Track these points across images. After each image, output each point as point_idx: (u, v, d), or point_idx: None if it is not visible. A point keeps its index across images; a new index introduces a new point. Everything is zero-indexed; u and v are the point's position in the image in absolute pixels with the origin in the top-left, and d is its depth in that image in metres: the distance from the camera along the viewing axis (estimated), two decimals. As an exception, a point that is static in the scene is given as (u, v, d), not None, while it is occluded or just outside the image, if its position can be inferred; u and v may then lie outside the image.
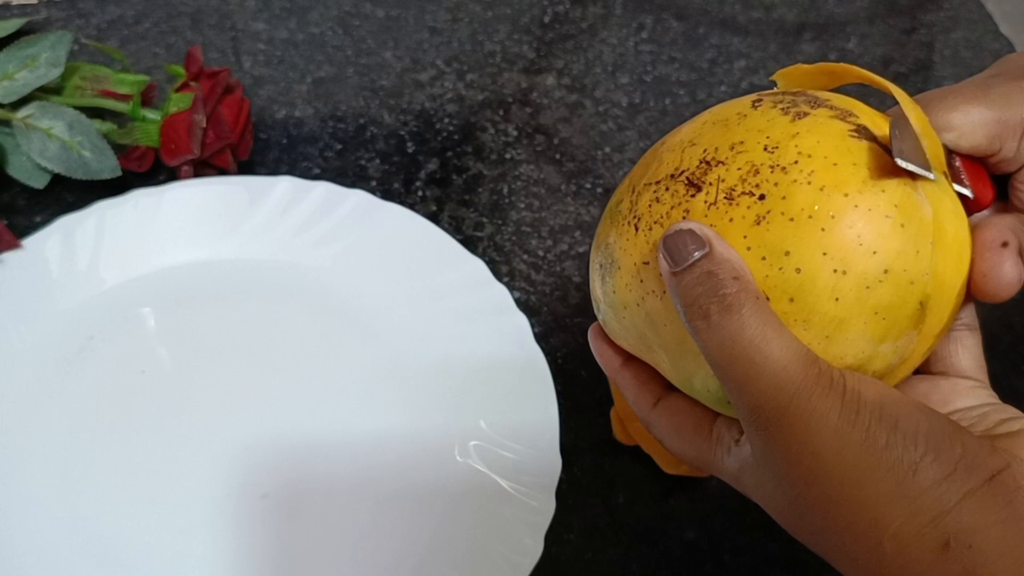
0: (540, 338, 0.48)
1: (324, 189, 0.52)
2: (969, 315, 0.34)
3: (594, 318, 0.36)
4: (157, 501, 0.42)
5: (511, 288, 0.50)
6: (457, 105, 0.61)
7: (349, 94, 0.61)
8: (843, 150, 0.29)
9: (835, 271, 0.28)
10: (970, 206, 0.32)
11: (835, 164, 0.29)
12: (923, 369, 0.34)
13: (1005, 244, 0.31)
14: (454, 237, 0.52)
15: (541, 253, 0.54)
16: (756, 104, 0.31)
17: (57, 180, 0.53)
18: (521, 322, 0.48)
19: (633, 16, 0.68)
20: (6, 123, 0.52)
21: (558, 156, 0.59)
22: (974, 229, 0.32)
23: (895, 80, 0.65)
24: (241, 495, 0.43)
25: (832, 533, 0.28)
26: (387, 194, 0.55)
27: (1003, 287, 0.31)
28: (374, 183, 0.56)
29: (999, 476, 0.27)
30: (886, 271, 0.28)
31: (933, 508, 0.27)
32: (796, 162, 0.29)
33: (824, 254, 0.28)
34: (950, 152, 0.33)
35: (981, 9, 0.70)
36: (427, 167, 0.57)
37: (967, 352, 0.34)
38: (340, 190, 0.53)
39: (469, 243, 0.53)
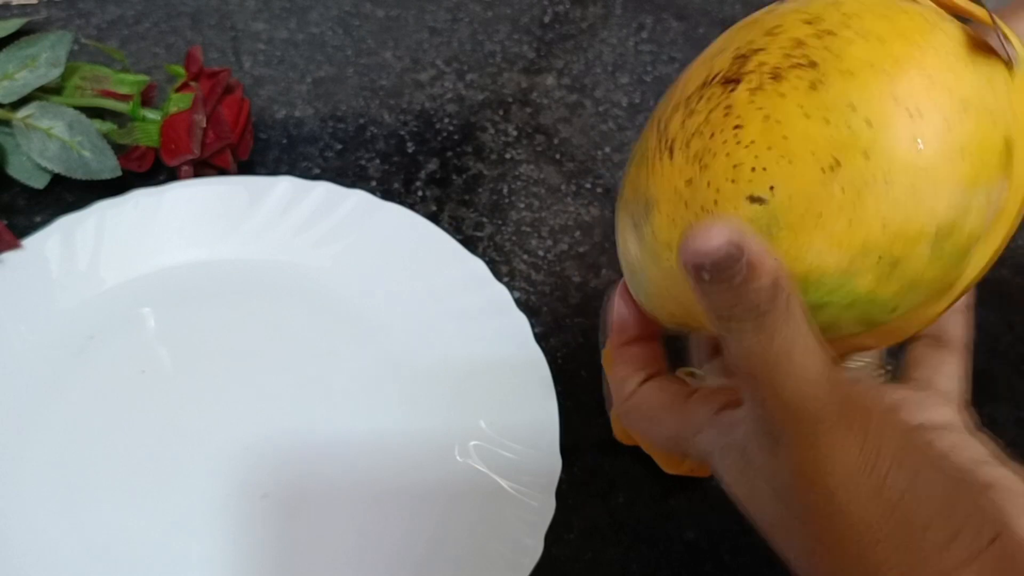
0: (540, 338, 0.48)
1: (324, 189, 0.53)
2: (959, 329, 0.34)
3: (595, 317, 0.36)
4: (157, 501, 0.42)
5: (511, 288, 0.50)
6: (457, 105, 0.61)
7: (349, 94, 0.61)
8: (894, 7, 0.27)
9: (910, 115, 0.25)
10: None
11: (887, 17, 0.27)
12: (902, 378, 0.33)
13: None
14: (454, 237, 0.52)
15: (541, 253, 0.54)
16: None
17: (57, 180, 0.53)
18: (521, 322, 0.48)
19: (633, 16, 0.68)
20: (6, 123, 0.52)
21: (558, 156, 0.59)
22: None
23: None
24: (241, 495, 0.43)
25: (822, 561, 0.28)
26: (387, 194, 0.55)
27: None
28: (374, 183, 0.56)
29: (997, 540, 0.27)
30: (964, 106, 0.26)
31: (937, 571, 0.27)
32: (845, 24, 0.26)
33: (895, 99, 0.25)
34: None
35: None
36: (427, 167, 0.57)
37: (949, 372, 0.34)
38: (340, 190, 0.53)
39: (469, 243, 0.53)
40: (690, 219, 0.28)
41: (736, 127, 0.27)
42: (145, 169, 0.53)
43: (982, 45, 0.27)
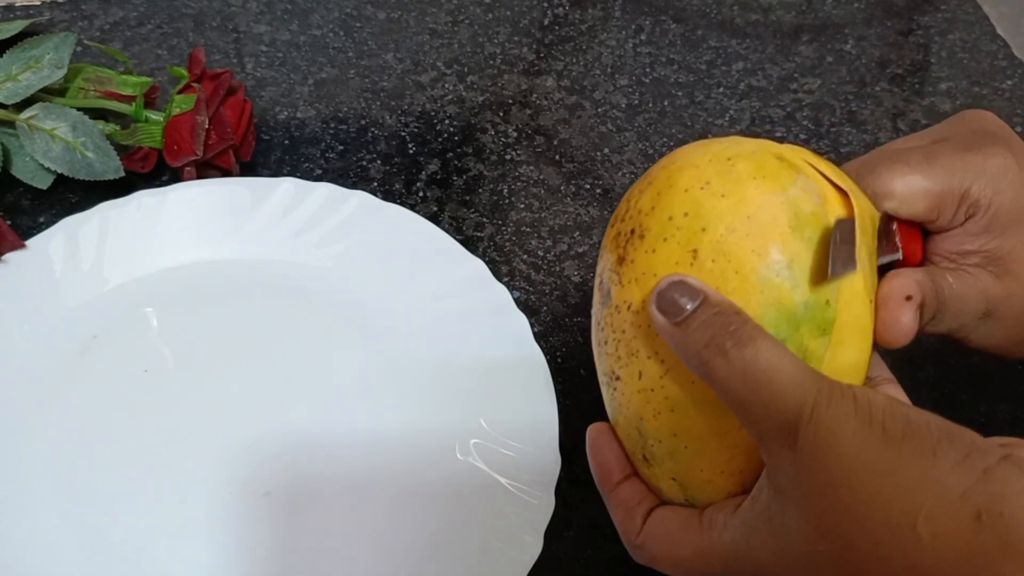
0: (540, 338, 0.48)
1: (326, 190, 0.53)
2: (881, 369, 0.36)
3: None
4: (160, 499, 0.43)
5: (511, 288, 0.51)
6: (458, 107, 0.62)
7: (351, 96, 0.61)
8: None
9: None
10: (900, 264, 0.35)
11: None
12: None
13: (909, 297, 0.34)
14: (454, 237, 0.52)
15: (541, 253, 0.54)
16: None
17: (61, 181, 0.53)
18: (521, 322, 0.48)
19: (632, 18, 0.68)
20: (10, 124, 0.52)
21: (558, 157, 0.59)
22: (884, 279, 0.34)
23: (893, 81, 0.65)
24: (243, 493, 0.43)
25: (866, 535, 0.29)
26: (388, 195, 0.56)
27: (900, 335, 0.34)
28: (375, 184, 0.56)
29: (1010, 456, 0.28)
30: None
31: (959, 484, 0.28)
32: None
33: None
34: (888, 217, 0.35)
35: (978, 11, 0.70)
36: (428, 168, 0.58)
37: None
38: (341, 191, 0.53)
39: (469, 243, 0.53)
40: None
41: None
42: (148, 170, 0.54)
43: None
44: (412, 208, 0.53)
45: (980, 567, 0.27)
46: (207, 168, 0.54)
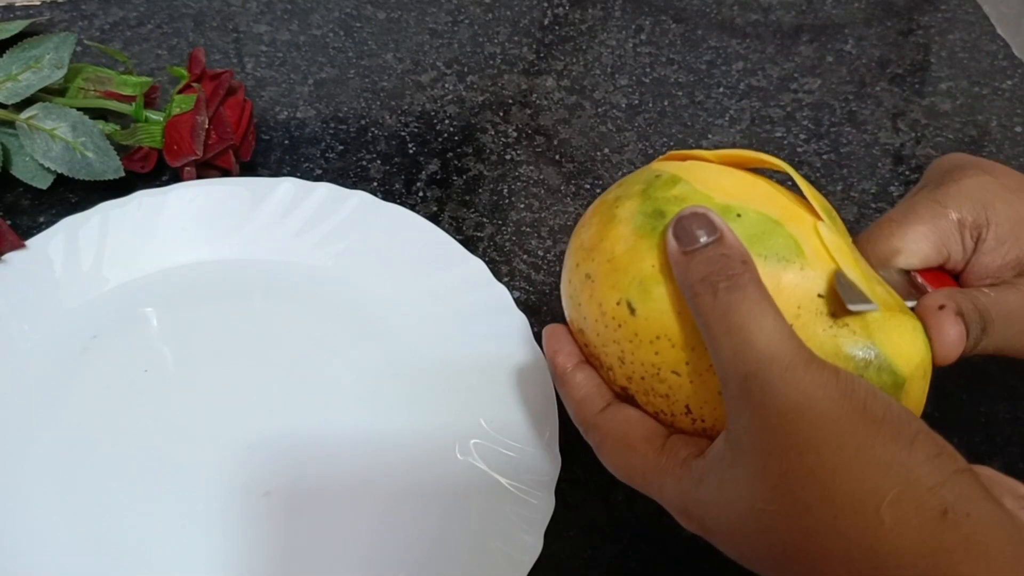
0: (540, 338, 0.48)
1: (325, 190, 0.53)
2: None
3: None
4: (160, 499, 0.43)
5: (511, 288, 0.51)
6: (458, 106, 0.62)
7: (351, 96, 0.62)
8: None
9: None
10: None
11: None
12: None
13: (941, 307, 0.34)
14: (454, 237, 0.52)
15: (541, 253, 0.54)
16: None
17: (60, 181, 0.53)
18: (521, 322, 0.48)
19: (632, 18, 0.69)
20: (10, 124, 0.52)
21: (558, 157, 0.59)
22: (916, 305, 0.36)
23: (893, 81, 0.65)
24: (244, 493, 0.43)
25: (826, 505, 0.28)
26: (388, 195, 0.56)
27: (949, 345, 0.34)
28: (375, 184, 0.56)
29: (973, 468, 0.29)
30: None
31: (930, 478, 0.28)
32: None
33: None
34: (908, 272, 0.37)
35: (978, 11, 0.70)
36: (428, 168, 0.58)
37: None
38: (341, 191, 0.53)
39: (469, 243, 0.53)
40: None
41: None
42: (148, 170, 0.54)
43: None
44: (412, 208, 0.53)
45: (940, 563, 0.27)
46: (207, 168, 0.54)
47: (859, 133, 0.62)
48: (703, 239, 0.31)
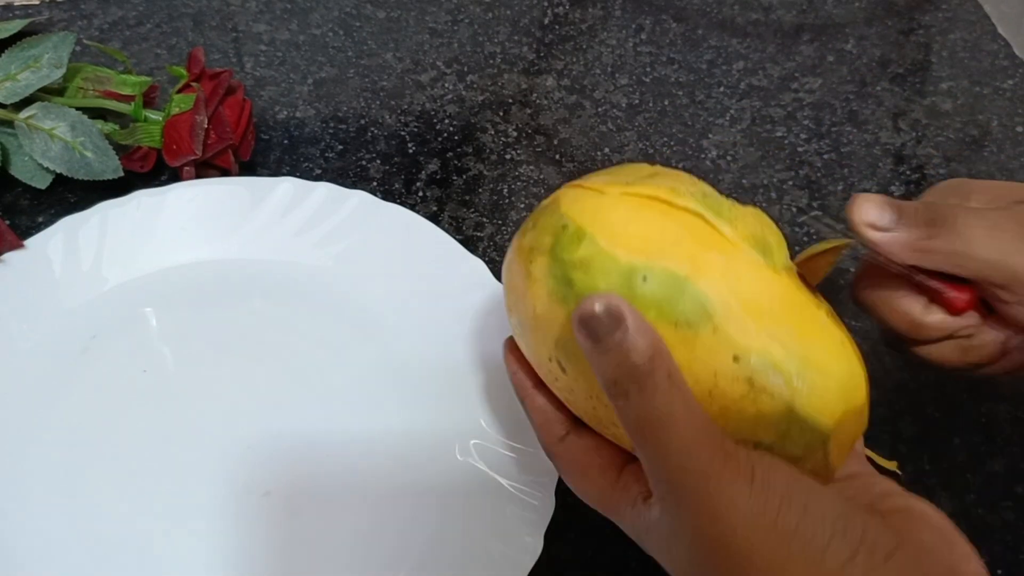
0: (540, 337, 0.48)
1: (325, 190, 0.53)
2: None
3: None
4: (160, 499, 0.43)
5: (511, 288, 0.51)
6: (457, 106, 0.61)
7: (350, 95, 0.61)
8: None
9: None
10: (952, 310, 0.37)
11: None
12: None
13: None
14: (454, 237, 0.52)
15: (541, 253, 0.54)
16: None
17: (59, 180, 0.53)
18: (521, 322, 0.48)
19: (632, 18, 0.68)
20: (9, 124, 0.52)
21: (558, 157, 0.59)
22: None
23: (894, 80, 0.65)
24: (243, 493, 0.43)
25: None
26: (388, 195, 0.55)
27: (862, 218, 0.35)
28: (375, 184, 0.56)
29: (894, 556, 0.29)
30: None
31: None
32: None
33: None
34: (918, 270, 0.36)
35: (979, 10, 0.70)
36: (428, 168, 0.58)
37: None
38: (341, 191, 0.53)
39: (469, 243, 0.53)
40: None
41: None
42: (147, 170, 0.54)
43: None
44: (412, 208, 0.53)
45: None
46: (206, 168, 0.54)
47: (860, 133, 0.61)
48: (607, 336, 0.29)
